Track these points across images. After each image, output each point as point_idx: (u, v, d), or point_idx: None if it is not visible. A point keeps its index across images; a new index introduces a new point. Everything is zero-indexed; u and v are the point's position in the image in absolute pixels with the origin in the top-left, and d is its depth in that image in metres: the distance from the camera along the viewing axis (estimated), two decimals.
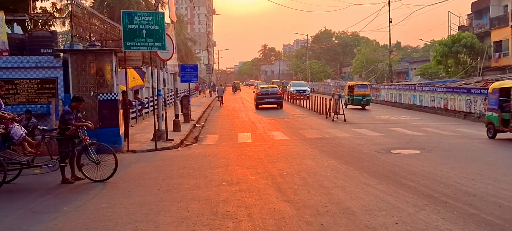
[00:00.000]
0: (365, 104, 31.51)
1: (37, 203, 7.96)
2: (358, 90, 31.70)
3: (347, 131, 17.74)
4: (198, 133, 19.47)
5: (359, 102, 31.32)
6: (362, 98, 31.29)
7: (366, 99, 31.48)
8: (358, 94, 31.38)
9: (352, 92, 31.91)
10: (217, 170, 10.53)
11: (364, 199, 7.39)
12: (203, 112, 30.53)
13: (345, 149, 13.33)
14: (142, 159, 12.86)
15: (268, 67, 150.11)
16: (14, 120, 9.48)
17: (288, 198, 7.62)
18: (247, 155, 12.87)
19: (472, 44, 43.18)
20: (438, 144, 13.91)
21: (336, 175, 9.39)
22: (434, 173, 9.43)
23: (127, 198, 8.02)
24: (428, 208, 6.79)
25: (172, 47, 16.61)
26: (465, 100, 24.75)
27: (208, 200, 7.63)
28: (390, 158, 11.51)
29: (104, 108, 14.02)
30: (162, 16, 14.61)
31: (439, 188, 8.10)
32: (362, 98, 31.31)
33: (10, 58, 14.11)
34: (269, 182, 9.00)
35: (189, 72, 25.88)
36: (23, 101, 14.17)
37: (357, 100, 31.39)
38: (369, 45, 78.79)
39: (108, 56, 14.15)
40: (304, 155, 12.36)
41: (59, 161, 9.35)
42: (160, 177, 9.96)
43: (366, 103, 31.52)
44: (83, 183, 9.44)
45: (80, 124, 9.48)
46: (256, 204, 7.28)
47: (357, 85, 32.47)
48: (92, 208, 7.47)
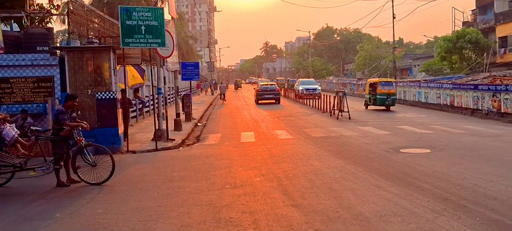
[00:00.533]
0: (390, 104, 27.05)
1: (30, 208, 7.50)
2: (382, 88, 27.16)
3: (353, 129, 17.25)
4: (200, 132, 19.01)
5: (383, 102, 26.91)
6: (386, 98, 26.78)
7: (391, 99, 26.94)
8: (382, 93, 26.92)
9: (374, 91, 27.62)
10: (219, 171, 10.05)
11: (377, 203, 6.91)
12: (205, 110, 30.07)
13: (352, 148, 12.84)
14: (142, 160, 12.40)
15: (270, 65, 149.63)
16: (6, 120, 9.03)
17: (296, 202, 7.15)
18: (251, 155, 12.39)
19: (477, 40, 42.62)
20: (449, 143, 13.41)
21: (345, 177, 8.90)
22: (448, 174, 8.95)
23: (124, 203, 7.55)
24: (447, 214, 6.31)
25: (172, 44, 16.14)
26: (472, 96, 24.22)
27: (211, 205, 7.16)
28: (400, 158, 11.02)
29: (102, 108, 13.57)
30: (161, 11, 14.15)
31: (456, 190, 7.61)
32: (387, 97, 26.79)
33: (5, 56, 13.67)
34: (274, 184, 8.53)
35: (190, 70, 25.49)
36: (18, 100, 13.75)
37: (381, 100, 27.00)
38: (371, 42, 78.24)
39: (106, 54, 13.69)
40: (310, 155, 11.88)
41: (53, 163, 8.90)
42: (160, 179, 9.50)
43: (391, 103, 27.05)
44: (79, 186, 8.98)
45: (75, 124, 9.02)
46: (262, 210, 6.80)
47: (380, 83, 27.52)
48: (87, 214, 7.01)
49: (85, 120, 13.00)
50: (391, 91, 27.26)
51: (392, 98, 27.05)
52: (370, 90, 28.23)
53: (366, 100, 28.52)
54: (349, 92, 38.07)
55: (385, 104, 26.92)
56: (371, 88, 28.16)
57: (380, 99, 27.04)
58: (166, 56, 16.21)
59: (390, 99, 26.93)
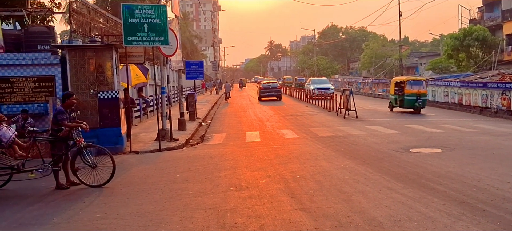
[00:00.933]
0: (420, 107, 23.19)
1: (26, 212, 7.18)
2: (410, 88, 23.28)
3: (361, 128, 16.86)
4: (204, 131, 18.68)
5: (412, 104, 23.12)
6: (416, 99, 22.96)
7: (421, 100, 23.15)
8: (411, 94, 23.07)
9: (401, 91, 23.78)
10: (224, 172, 9.70)
11: (390, 206, 6.55)
12: (209, 110, 29.74)
13: (361, 148, 12.47)
14: (145, 160, 12.08)
15: (274, 64, 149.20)
16: (3, 119, 8.73)
17: (304, 206, 6.79)
18: (256, 155, 12.04)
19: (484, 37, 42.05)
20: (460, 142, 13.02)
21: (355, 178, 8.54)
22: (462, 175, 8.57)
23: (124, 207, 7.22)
24: (466, 218, 5.94)
25: (175, 43, 15.80)
26: (481, 95, 23.81)
27: (215, 209, 6.81)
28: (411, 158, 10.64)
29: (105, 107, 13.25)
30: (164, 9, 13.80)
31: (472, 192, 7.24)
32: (417, 98, 22.96)
33: (5, 55, 13.40)
34: (281, 186, 8.17)
35: (194, 69, 25.19)
36: (19, 100, 13.48)
37: (409, 102, 23.19)
38: (377, 40, 77.72)
39: (108, 52, 13.37)
40: (317, 155, 11.51)
41: (52, 165, 8.59)
42: (162, 181, 9.16)
43: (422, 105, 23.20)
44: (78, 189, 8.67)
45: (74, 124, 8.69)
46: (269, 214, 6.45)
47: (409, 82, 23.64)
48: (85, 219, 6.68)
49: (87, 120, 12.74)
50: (421, 91, 23.41)
51: (423, 100, 23.33)
52: (396, 90, 24.43)
53: (391, 101, 25.09)
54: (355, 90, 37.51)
55: (415, 107, 23.13)
56: (397, 88, 24.37)
57: (409, 100, 23.22)
58: (170, 55, 15.87)
59: (421, 101, 23.11)
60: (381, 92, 40.24)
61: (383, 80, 43.47)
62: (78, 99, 12.92)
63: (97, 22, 16.35)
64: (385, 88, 39.49)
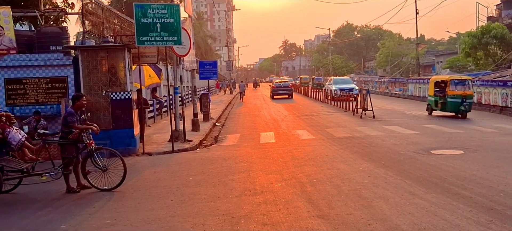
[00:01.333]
0: (466, 111, 19.66)
1: (34, 218, 6.98)
2: (454, 88, 20.06)
3: (378, 129, 16.43)
4: (218, 132, 18.42)
5: (456, 107, 19.75)
6: (461, 101, 19.54)
7: (467, 103, 19.62)
8: (455, 96, 19.81)
9: (443, 92, 20.71)
10: (238, 176, 9.42)
11: (414, 213, 6.19)
12: (223, 110, 29.51)
13: (380, 149, 12.07)
14: (157, 162, 11.85)
15: (289, 63, 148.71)
16: (10, 119, 8.55)
17: (322, 212, 6.46)
18: (271, 157, 11.73)
19: (503, 35, 41.19)
20: (482, 143, 12.55)
21: (374, 182, 8.18)
22: (487, 179, 8.16)
23: (135, 212, 6.97)
24: (495, 227, 5.56)
25: (189, 42, 15.56)
26: (501, 93, 23.14)
27: (228, 215, 6.52)
28: (432, 160, 10.24)
29: (117, 108, 13.07)
30: (177, 8, 13.57)
31: (499, 198, 6.84)
32: (462, 101, 19.54)
33: (17, 56, 13.28)
34: (297, 191, 7.85)
35: (208, 69, 24.90)
36: (32, 102, 13.34)
37: (453, 105, 19.88)
38: (393, 39, 76.85)
39: (121, 53, 13.19)
40: (334, 157, 11.16)
41: (62, 168, 8.39)
42: (174, 184, 8.90)
43: (468, 109, 19.67)
44: (89, 193, 8.46)
45: (84, 126, 8.47)
46: (285, 221, 6.14)
47: (452, 82, 20.38)
48: (94, 225, 6.45)
49: (99, 121, 12.65)
50: (467, 93, 19.92)
51: (469, 102, 19.82)
52: (436, 91, 21.37)
53: (430, 104, 22.00)
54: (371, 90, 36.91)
55: (460, 111, 19.77)
56: (438, 89, 21.36)
57: (452, 103, 19.95)
58: (183, 55, 15.63)
59: (466, 104, 19.60)
60: (398, 91, 39.61)
61: (399, 79, 42.81)
62: (90, 100, 12.81)
63: (111, 23, 16.19)
64: (402, 87, 38.88)
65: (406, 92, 37.59)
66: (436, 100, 21.26)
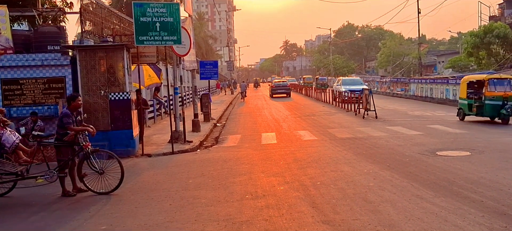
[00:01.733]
0: (508, 115, 16.73)
1: (28, 223, 6.72)
2: (493, 89, 17.16)
3: (381, 130, 16.16)
4: (219, 133, 18.16)
5: (496, 111, 17.00)
6: (502, 104, 16.76)
7: (510, 106, 16.62)
8: (495, 97, 16.95)
9: (477, 93, 18.05)
10: (239, 178, 9.15)
11: (423, 219, 5.91)
12: (224, 110, 29.25)
13: (384, 150, 11.80)
14: (157, 164, 11.59)
15: (290, 63, 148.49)
16: (6, 124, 8.30)
17: (327, 217, 6.19)
18: (273, 158, 11.46)
19: (505, 34, 40.86)
20: (488, 144, 12.28)
21: (380, 185, 7.90)
22: (497, 182, 7.89)
23: (131, 217, 6.71)
24: None
25: (189, 42, 15.30)
26: None
27: (229, 220, 6.25)
28: (438, 162, 9.96)
29: (116, 109, 12.80)
30: (177, 7, 13.31)
31: (511, 202, 6.57)
32: (503, 103, 16.75)
33: (14, 56, 13.02)
34: (300, 194, 7.58)
35: (209, 69, 24.63)
36: (29, 102, 13.07)
37: (492, 108, 17.07)
38: (394, 39, 76.61)
39: (120, 52, 12.93)
40: (337, 158, 10.89)
41: (58, 171, 8.13)
42: (173, 187, 8.64)
43: (510, 113, 16.64)
44: (85, 196, 8.19)
45: (80, 128, 8.20)
46: (288, 227, 5.86)
47: (491, 81, 17.38)
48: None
49: (98, 122, 12.39)
50: (509, 94, 16.82)
51: (511, 105, 16.74)
52: (470, 92, 18.41)
53: (462, 108, 18.85)
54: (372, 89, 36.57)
55: (501, 116, 16.91)
56: (472, 90, 18.43)
57: (491, 106, 17.08)
58: (183, 55, 15.37)
59: (509, 107, 16.64)
60: (399, 92, 39.37)
61: (401, 79, 42.56)
62: (88, 101, 12.57)
63: (111, 22, 15.93)
64: (404, 87, 38.62)
65: (408, 92, 37.34)
66: (470, 103, 18.16)
